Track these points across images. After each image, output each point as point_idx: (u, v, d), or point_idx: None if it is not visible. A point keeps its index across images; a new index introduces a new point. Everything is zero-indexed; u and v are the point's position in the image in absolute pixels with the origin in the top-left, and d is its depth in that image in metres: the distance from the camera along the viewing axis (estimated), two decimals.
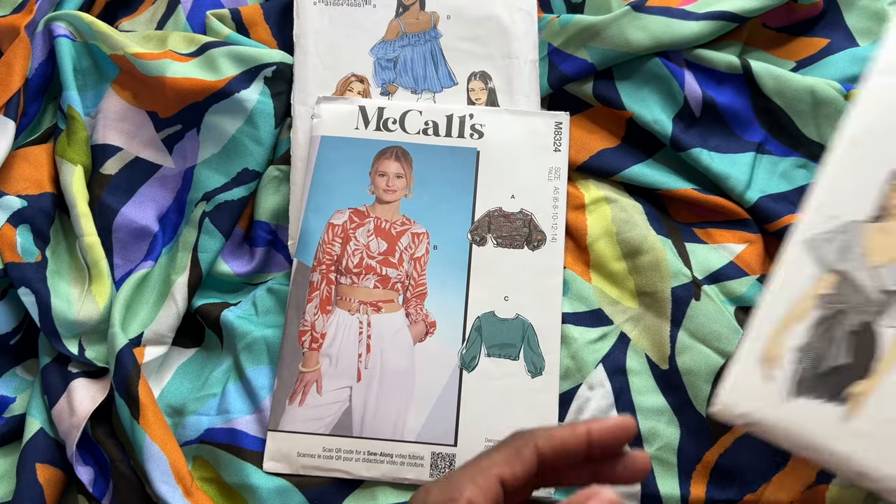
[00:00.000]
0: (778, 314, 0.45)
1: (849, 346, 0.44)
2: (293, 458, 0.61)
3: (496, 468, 0.42)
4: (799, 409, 0.44)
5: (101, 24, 0.72)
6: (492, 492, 0.42)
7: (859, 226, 0.46)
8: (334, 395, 0.62)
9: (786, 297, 0.46)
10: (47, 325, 0.65)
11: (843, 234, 0.46)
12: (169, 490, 0.59)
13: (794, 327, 0.45)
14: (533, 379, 0.62)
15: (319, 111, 0.69)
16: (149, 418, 0.61)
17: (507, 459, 0.43)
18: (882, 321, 0.44)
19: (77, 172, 0.69)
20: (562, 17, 0.72)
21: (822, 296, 0.45)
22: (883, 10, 0.70)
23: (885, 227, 0.46)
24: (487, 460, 0.43)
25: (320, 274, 0.65)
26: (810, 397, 0.44)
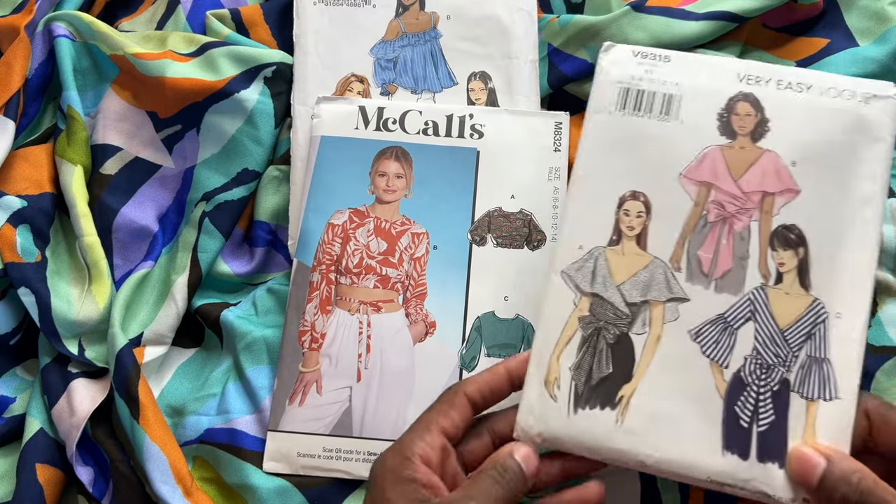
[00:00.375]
0: (551, 340, 0.52)
1: (610, 358, 0.52)
2: (293, 458, 0.61)
3: (436, 422, 0.50)
4: (581, 420, 0.51)
5: (101, 24, 0.72)
6: (437, 443, 0.49)
7: (602, 251, 0.53)
8: (334, 395, 0.62)
9: (554, 324, 0.52)
10: (47, 325, 0.65)
11: (590, 260, 0.53)
12: (169, 490, 0.59)
13: (565, 350, 0.52)
14: None
15: (319, 111, 0.69)
16: (149, 418, 0.61)
17: (444, 412, 0.50)
18: (633, 329, 0.52)
19: (77, 172, 0.70)
20: (562, 17, 0.72)
21: (583, 317, 0.52)
22: (883, 10, 0.70)
23: (621, 249, 0.53)
24: (427, 418, 0.50)
25: (320, 274, 0.65)
26: (588, 408, 0.51)
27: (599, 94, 0.55)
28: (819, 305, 0.50)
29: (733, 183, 0.53)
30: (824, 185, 0.52)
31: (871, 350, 0.60)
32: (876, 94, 0.53)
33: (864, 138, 0.52)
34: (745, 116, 0.54)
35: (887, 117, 0.52)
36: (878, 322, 0.61)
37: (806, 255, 0.51)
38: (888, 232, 0.63)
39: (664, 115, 0.54)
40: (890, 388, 0.59)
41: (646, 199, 0.53)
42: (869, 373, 0.60)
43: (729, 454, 0.49)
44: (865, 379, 0.60)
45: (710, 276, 0.52)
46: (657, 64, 0.56)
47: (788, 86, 0.54)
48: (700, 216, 0.53)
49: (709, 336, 0.51)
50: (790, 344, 0.50)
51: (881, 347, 0.60)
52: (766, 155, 0.53)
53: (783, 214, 0.52)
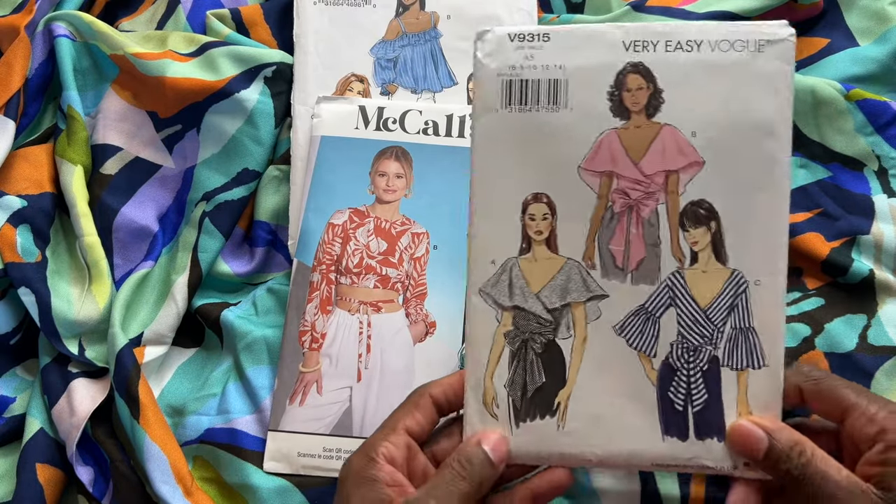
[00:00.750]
0: (482, 361, 0.51)
1: (541, 367, 0.51)
2: (293, 458, 0.61)
3: (401, 422, 0.50)
4: (524, 432, 0.51)
5: (101, 23, 0.72)
6: (401, 443, 0.49)
7: (514, 261, 0.51)
8: (334, 395, 0.62)
9: (482, 344, 0.52)
10: (47, 324, 0.65)
11: (504, 273, 0.51)
12: (169, 490, 0.59)
13: (497, 368, 0.51)
14: None
15: (319, 111, 0.69)
16: (149, 418, 0.61)
17: (409, 412, 0.51)
18: (559, 335, 0.51)
19: (77, 172, 0.70)
20: (562, 17, 0.72)
21: (508, 332, 0.52)
22: (883, 10, 0.70)
23: (533, 256, 0.51)
24: (393, 419, 0.51)
25: (320, 274, 0.65)
26: (529, 420, 0.51)
27: (481, 92, 0.51)
28: (738, 276, 0.50)
29: (634, 167, 0.51)
30: (728, 150, 0.49)
31: (871, 350, 0.60)
32: (769, 38, 0.49)
33: (763, 91, 0.49)
34: (637, 91, 0.50)
35: (784, 63, 0.49)
36: (878, 322, 0.61)
37: (719, 229, 0.50)
38: (888, 232, 0.63)
39: (553, 105, 0.51)
40: (890, 389, 0.59)
41: (549, 200, 0.51)
42: (869, 373, 0.60)
43: (669, 438, 0.50)
44: (866, 379, 0.60)
45: (625, 269, 0.51)
46: (537, 45, 0.51)
47: (678, 46, 0.50)
48: (606, 208, 0.51)
49: (633, 328, 0.50)
50: (713, 321, 0.50)
51: (881, 347, 0.60)
52: (664, 130, 0.50)
53: (690, 191, 0.50)
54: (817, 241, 0.64)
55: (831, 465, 0.46)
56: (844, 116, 0.66)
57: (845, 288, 0.63)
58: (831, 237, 0.65)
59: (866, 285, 0.62)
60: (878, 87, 0.69)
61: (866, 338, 0.61)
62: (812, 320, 0.62)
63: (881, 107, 0.66)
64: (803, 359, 0.61)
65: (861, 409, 0.47)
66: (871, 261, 0.63)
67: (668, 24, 0.50)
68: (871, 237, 0.64)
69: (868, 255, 0.64)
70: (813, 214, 0.66)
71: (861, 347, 0.61)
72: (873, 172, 0.67)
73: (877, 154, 0.66)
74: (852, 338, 0.61)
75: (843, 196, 0.66)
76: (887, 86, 0.69)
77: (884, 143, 0.66)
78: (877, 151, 0.66)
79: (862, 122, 0.66)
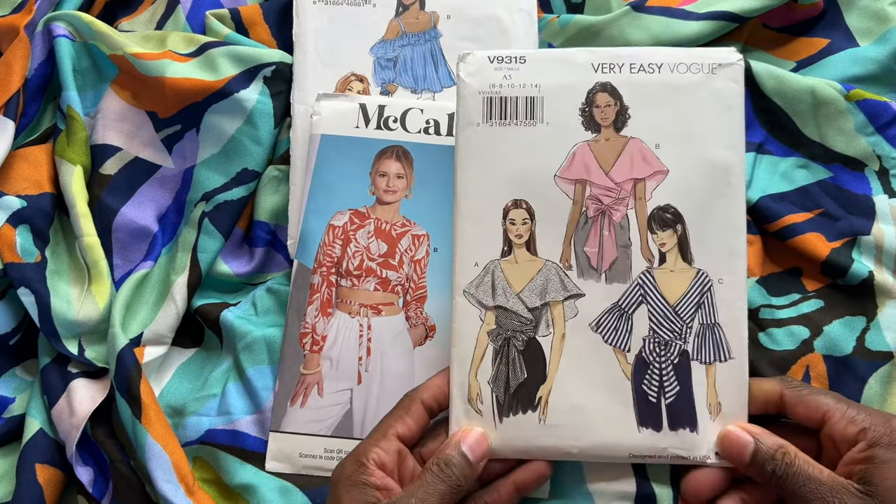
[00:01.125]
0: (466, 359, 0.55)
1: (523, 364, 0.55)
2: (295, 458, 0.61)
3: (392, 428, 0.53)
4: (507, 427, 0.55)
5: (101, 24, 0.72)
6: (392, 449, 0.52)
7: (497, 264, 0.56)
8: (335, 397, 0.62)
9: (466, 343, 0.56)
10: (47, 325, 0.65)
11: (487, 275, 0.56)
12: (172, 489, 0.59)
13: (480, 365, 0.55)
14: None
15: (319, 109, 0.69)
16: (151, 418, 0.61)
17: (399, 418, 0.54)
18: (539, 333, 0.55)
19: (76, 172, 0.69)
20: (562, 17, 0.72)
21: (491, 331, 0.56)
22: (883, 10, 0.70)
23: (514, 258, 0.56)
24: (383, 424, 0.54)
25: (321, 276, 0.65)
26: (512, 414, 0.55)
27: (464, 108, 0.57)
28: (703, 275, 0.55)
29: (605, 175, 0.56)
30: (689, 160, 0.55)
31: (866, 355, 0.60)
32: (721, 62, 0.56)
33: (717, 109, 0.55)
34: (606, 107, 0.56)
35: (735, 84, 0.55)
36: (877, 325, 0.61)
37: (684, 231, 0.55)
38: (889, 232, 0.63)
39: (529, 120, 0.56)
40: (882, 395, 0.59)
41: (528, 206, 0.56)
42: (861, 378, 0.60)
43: (644, 429, 0.54)
44: (858, 384, 0.60)
45: (599, 269, 0.55)
46: (514, 67, 0.57)
47: (641, 68, 0.56)
48: (580, 213, 0.56)
49: (607, 325, 0.55)
50: (682, 317, 0.55)
51: (877, 353, 0.60)
52: (631, 142, 0.56)
53: (656, 197, 0.55)
54: (818, 241, 0.64)
55: (813, 466, 0.49)
56: (845, 116, 0.66)
57: (845, 290, 0.63)
58: (832, 237, 0.65)
59: (866, 287, 0.62)
60: (879, 87, 0.69)
61: (864, 341, 0.61)
62: (811, 322, 0.62)
63: (881, 107, 0.66)
64: (801, 361, 0.61)
65: (841, 413, 0.51)
66: (871, 261, 0.63)
67: (631, 49, 0.57)
68: (872, 237, 0.64)
69: (869, 256, 0.64)
70: (814, 215, 0.66)
71: (858, 351, 0.61)
72: (874, 173, 0.66)
73: (877, 154, 0.66)
74: (850, 341, 0.61)
75: (843, 196, 0.66)
76: (887, 86, 0.69)
77: (884, 143, 0.66)
78: (877, 151, 0.66)
79: (862, 122, 0.66)
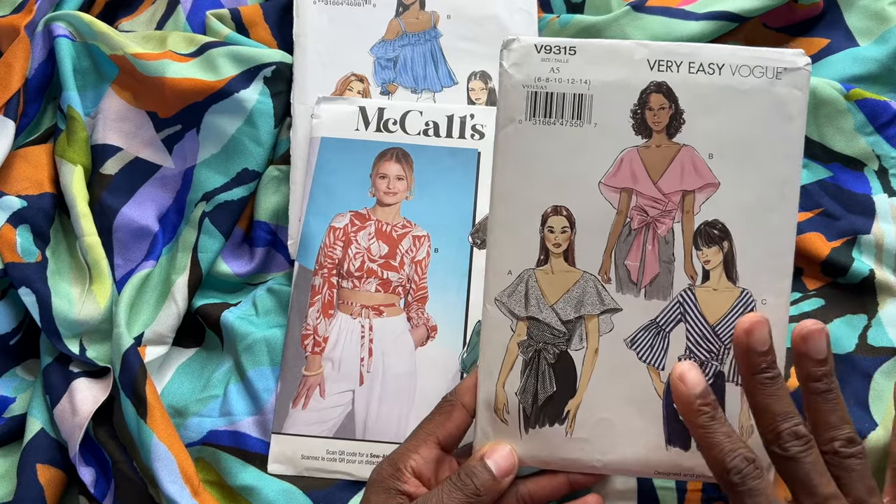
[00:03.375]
0: (494, 369, 0.53)
1: (553, 377, 0.53)
2: (297, 460, 0.61)
3: (432, 435, 0.52)
4: (533, 438, 0.53)
5: (101, 24, 0.72)
6: (432, 456, 0.52)
7: (531, 273, 0.53)
8: (337, 399, 0.62)
9: (495, 353, 0.53)
10: (48, 324, 0.65)
11: (521, 284, 0.53)
12: (177, 490, 0.59)
13: (509, 376, 0.53)
14: None
15: (319, 112, 0.69)
16: (156, 418, 0.61)
17: (441, 424, 0.53)
18: (572, 346, 0.53)
19: (77, 172, 0.69)
20: (562, 17, 0.72)
21: (521, 342, 0.53)
22: (883, 10, 0.70)
23: (550, 268, 0.53)
24: (423, 429, 0.53)
25: (322, 278, 0.65)
26: (538, 426, 0.53)
27: (506, 102, 0.52)
28: (747, 295, 0.51)
29: (653, 185, 0.52)
30: (742, 173, 0.51)
31: (870, 350, 0.61)
32: (787, 67, 0.51)
33: (778, 118, 0.51)
34: (660, 110, 0.52)
35: (799, 91, 0.51)
36: (879, 322, 0.61)
37: (731, 249, 0.51)
38: (889, 231, 0.64)
39: (576, 120, 0.52)
40: (888, 389, 0.59)
41: (569, 213, 0.52)
42: (868, 374, 0.60)
43: (672, 448, 0.52)
44: (863, 381, 0.60)
45: (639, 284, 0.52)
46: (563, 58, 0.52)
47: (700, 68, 0.51)
48: (624, 224, 0.52)
49: (643, 342, 0.52)
50: (721, 338, 0.52)
51: (880, 348, 0.60)
52: (683, 151, 0.52)
53: (704, 211, 0.52)
54: (818, 240, 0.64)
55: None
56: (844, 116, 0.66)
57: (845, 288, 0.64)
58: (832, 237, 0.65)
59: (866, 285, 0.63)
60: (878, 87, 0.69)
61: (866, 338, 0.61)
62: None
63: (881, 106, 0.66)
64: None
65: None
66: (871, 260, 0.63)
67: (691, 46, 0.52)
68: (872, 237, 0.64)
69: (869, 255, 0.64)
70: (814, 214, 0.66)
71: (860, 348, 0.61)
72: (874, 172, 0.67)
73: (877, 154, 0.67)
74: (852, 338, 0.61)
75: (843, 196, 0.66)
76: (887, 86, 0.69)
77: (884, 143, 0.66)
78: (877, 151, 0.67)
79: (862, 121, 0.66)
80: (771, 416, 0.46)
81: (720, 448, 0.46)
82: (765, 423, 0.47)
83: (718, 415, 0.48)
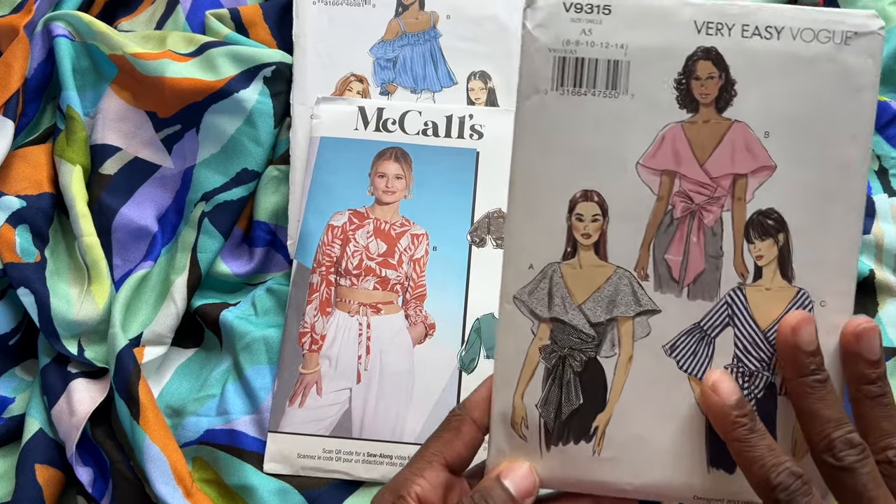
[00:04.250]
0: (512, 378, 0.45)
1: (579, 388, 0.45)
2: (293, 459, 0.61)
3: (439, 456, 0.44)
4: (555, 456, 0.45)
5: (100, 23, 0.72)
6: (439, 480, 0.44)
7: (556, 267, 0.45)
8: (334, 397, 0.62)
9: (513, 359, 0.46)
10: (46, 325, 0.65)
11: (544, 280, 0.45)
12: (169, 491, 0.59)
13: (529, 386, 0.45)
14: None
15: (318, 112, 0.69)
16: (149, 419, 0.61)
17: (448, 442, 0.45)
18: (601, 353, 0.45)
19: (76, 172, 0.69)
20: None
21: (544, 347, 0.45)
22: (883, 11, 0.70)
23: (578, 262, 0.45)
24: (429, 449, 0.45)
25: (320, 276, 0.65)
26: (562, 444, 0.45)
27: (530, 70, 0.45)
28: (804, 296, 0.44)
29: (699, 167, 0.45)
30: (803, 154, 0.44)
31: None
32: (857, 30, 0.43)
33: (845, 90, 0.43)
34: (708, 80, 0.44)
35: (870, 58, 0.43)
36: (879, 322, 0.61)
37: (787, 242, 0.44)
38: (889, 231, 0.63)
39: (611, 90, 0.44)
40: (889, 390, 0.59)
41: (600, 199, 0.45)
42: None
43: (715, 470, 0.45)
44: None
45: (681, 282, 0.45)
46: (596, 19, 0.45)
47: (756, 32, 0.44)
48: (665, 212, 0.45)
49: (685, 349, 0.45)
50: (774, 345, 0.45)
51: None
52: (734, 128, 0.44)
53: (758, 198, 0.44)
54: None
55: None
56: None
57: None
58: None
59: (866, 285, 0.62)
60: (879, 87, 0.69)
61: None
62: None
63: (881, 106, 0.66)
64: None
65: None
66: (871, 260, 0.63)
67: (746, 6, 0.44)
68: (872, 237, 0.64)
69: (868, 255, 0.64)
70: None
71: None
72: (874, 172, 0.67)
73: (877, 154, 0.66)
74: None
75: None
76: (887, 86, 0.69)
77: (884, 143, 0.66)
78: (877, 151, 0.66)
79: None
80: (822, 422, 0.41)
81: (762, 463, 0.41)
82: (815, 431, 0.42)
83: (758, 427, 0.42)
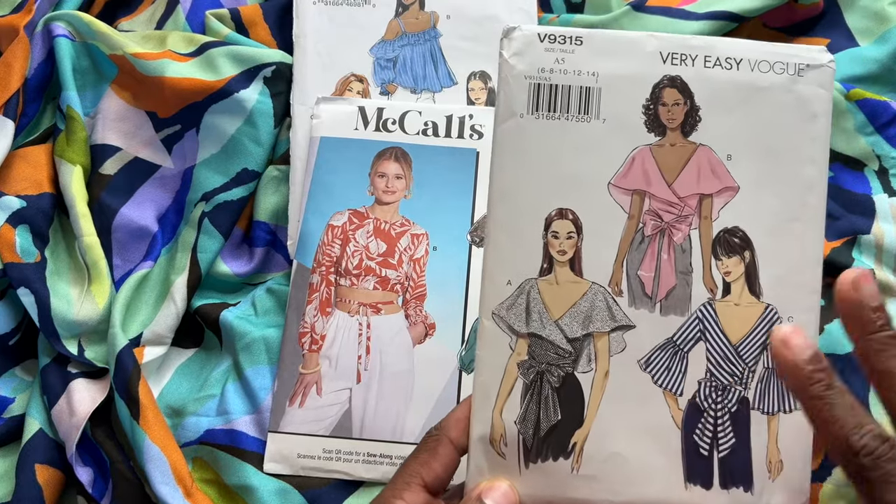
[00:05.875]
0: (491, 394, 0.46)
1: (557, 403, 0.46)
2: (293, 459, 0.61)
3: (416, 477, 0.44)
4: (534, 474, 0.46)
5: (101, 23, 0.72)
6: (418, 501, 0.43)
7: (533, 283, 0.46)
8: (334, 397, 0.62)
9: (492, 375, 0.46)
10: (46, 325, 0.65)
11: (521, 296, 0.47)
12: (169, 491, 0.59)
13: (507, 402, 0.46)
14: None
15: (318, 112, 0.69)
16: (149, 419, 0.61)
17: (426, 463, 0.45)
18: (579, 368, 0.46)
19: (76, 173, 0.69)
20: (562, 16, 0.72)
21: (522, 362, 0.46)
22: (883, 10, 0.70)
23: (555, 278, 0.46)
24: (406, 470, 0.45)
25: (320, 275, 0.65)
26: (540, 461, 0.46)
27: (507, 95, 0.47)
28: (772, 312, 0.46)
29: (667, 188, 0.47)
30: (764, 176, 0.46)
31: None
32: (809, 63, 0.46)
33: (802, 116, 0.46)
34: (674, 106, 0.47)
35: (823, 89, 0.46)
36: None
37: (753, 259, 0.46)
38: (889, 231, 0.63)
39: (584, 115, 0.47)
40: None
41: (575, 217, 0.46)
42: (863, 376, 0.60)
43: (692, 486, 0.45)
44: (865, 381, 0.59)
45: (654, 298, 0.47)
46: (568, 49, 0.47)
47: (717, 62, 0.47)
48: (636, 230, 0.47)
49: (659, 364, 0.46)
50: (745, 359, 0.46)
51: None
52: (699, 151, 0.47)
53: (723, 217, 0.46)
54: None
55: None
56: (844, 116, 0.66)
57: None
58: (832, 237, 0.65)
59: None
60: (878, 87, 0.69)
61: None
62: None
63: (881, 106, 0.66)
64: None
65: None
66: (871, 260, 0.63)
67: (706, 39, 0.48)
68: (872, 237, 0.64)
69: (869, 255, 0.64)
70: None
71: None
72: (874, 172, 0.67)
73: (877, 154, 0.66)
74: None
75: (843, 196, 0.66)
76: (887, 86, 0.69)
77: (884, 143, 0.66)
78: (877, 151, 0.66)
79: (862, 121, 0.66)
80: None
81: (842, 423, 0.38)
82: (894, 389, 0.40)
83: (836, 383, 0.39)
